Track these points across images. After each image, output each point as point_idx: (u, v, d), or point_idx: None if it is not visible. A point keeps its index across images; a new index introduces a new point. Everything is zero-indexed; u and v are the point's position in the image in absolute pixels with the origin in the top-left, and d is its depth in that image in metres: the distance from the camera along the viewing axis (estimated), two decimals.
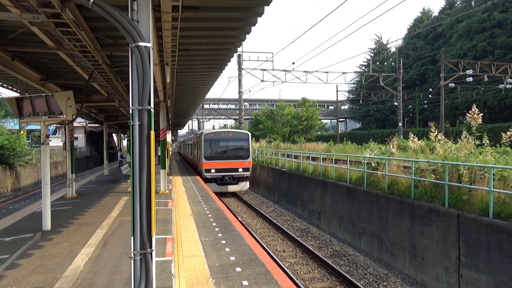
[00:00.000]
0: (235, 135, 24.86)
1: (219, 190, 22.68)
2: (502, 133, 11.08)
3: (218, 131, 26.44)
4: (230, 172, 23.18)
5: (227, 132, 25.90)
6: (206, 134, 24.13)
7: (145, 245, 4.30)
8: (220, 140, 24.05)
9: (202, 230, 9.44)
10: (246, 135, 24.64)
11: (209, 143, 23.64)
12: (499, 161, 10.56)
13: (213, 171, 22.96)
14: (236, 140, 24.28)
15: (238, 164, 23.39)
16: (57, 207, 12.44)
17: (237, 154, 23.77)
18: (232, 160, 23.34)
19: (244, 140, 24.23)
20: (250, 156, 23.98)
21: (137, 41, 4.16)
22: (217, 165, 23.03)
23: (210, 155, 23.37)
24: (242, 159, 23.54)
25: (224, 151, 23.81)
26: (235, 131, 26.80)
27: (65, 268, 6.64)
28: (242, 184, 23.95)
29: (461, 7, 49.92)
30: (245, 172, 23.62)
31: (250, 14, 7.22)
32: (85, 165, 34.26)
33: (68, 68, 9.89)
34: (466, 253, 9.11)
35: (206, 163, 23.05)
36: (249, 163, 23.85)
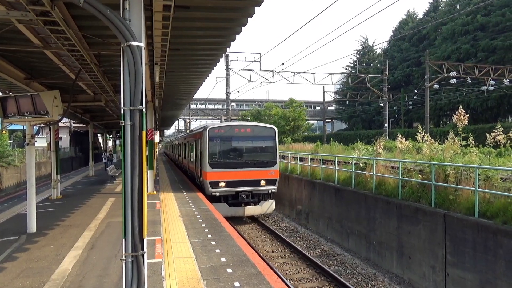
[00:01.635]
0: (255, 131, 16.72)
1: (231, 213, 15.39)
2: (487, 134, 11.31)
3: (230, 124, 17.48)
4: (247, 186, 15.71)
5: (242, 126, 17.02)
6: (212, 129, 16.05)
7: (136, 247, 4.24)
8: (232, 138, 16.31)
9: (191, 231, 9.38)
10: (272, 131, 16.68)
11: (216, 142, 15.98)
12: (484, 162, 10.77)
13: (222, 185, 15.45)
14: (257, 139, 16.72)
15: (260, 174, 15.83)
16: (42, 208, 12.19)
17: (258, 159, 16.11)
18: (250, 169, 15.78)
19: (269, 138, 16.56)
20: (277, 161, 16.39)
21: (129, 40, 4.11)
22: (228, 176, 15.54)
23: (218, 161, 15.82)
24: (265, 167, 15.95)
25: (239, 155, 16.17)
26: (254, 124, 17.99)
27: (53, 271, 6.51)
28: (266, 204, 16.20)
29: (445, 10, 50.87)
30: (270, 186, 16.01)
31: (240, 14, 7.22)
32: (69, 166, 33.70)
33: (54, 67, 9.71)
34: (452, 252, 9.26)
35: (212, 173, 15.45)
36: (276, 172, 16.23)
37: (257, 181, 15.82)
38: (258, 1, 6.58)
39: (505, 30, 40.30)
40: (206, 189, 15.63)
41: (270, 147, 16.54)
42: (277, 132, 16.75)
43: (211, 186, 15.43)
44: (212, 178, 15.46)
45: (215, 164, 15.65)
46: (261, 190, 16.00)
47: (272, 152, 16.41)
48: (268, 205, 16.37)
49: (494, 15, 41.97)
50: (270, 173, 16.05)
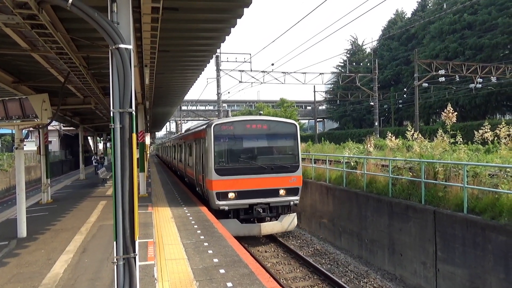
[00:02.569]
0: (272, 127, 13.58)
1: (244, 232, 12.64)
2: (475, 132, 11.49)
3: (241, 119, 14.07)
4: (264, 197, 12.79)
5: (257, 121, 13.61)
6: (218, 126, 13.00)
7: (128, 250, 4.24)
8: (244, 136, 13.24)
9: (184, 233, 9.37)
10: (293, 128, 13.74)
11: (223, 142, 13.02)
12: (472, 159, 10.94)
13: (232, 197, 12.59)
14: (275, 137, 13.65)
15: (279, 182, 12.96)
16: (32, 213, 12.07)
17: (276, 163, 13.15)
18: (267, 175, 12.86)
19: (289, 136, 13.64)
20: (299, 165, 13.44)
21: (118, 43, 4.11)
22: (239, 185, 12.63)
23: (226, 166, 12.80)
24: (285, 172, 13.06)
25: (253, 158, 13.16)
26: (271, 119, 14.58)
27: (44, 275, 6.46)
28: (287, 219, 13.24)
29: (433, 9, 51.45)
30: (291, 196, 13.10)
31: (229, 16, 7.25)
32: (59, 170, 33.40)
33: (42, 70, 9.61)
34: (442, 248, 9.39)
35: (219, 182, 12.50)
36: (299, 179, 13.30)
37: (276, 190, 12.89)
38: (246, 2, 6.62)
39: (492, 28, 40.91)
40: (211, 201, 12.67)
41: (291, 147, 13.66)
42: (298, 128, 13.86)
43: (218, 198, 12.40)
44: (219, 188, 12.42)
45: (222, 170, 12.59)
46: (281, 202, 13.03)
47: (294, 154, 13.52)
48: (290, 220, 13.29)
49: (481, 14, 42.56)
50: (291, 180, 13.06)
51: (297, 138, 13.59)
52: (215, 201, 12.50)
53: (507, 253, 7.75)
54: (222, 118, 14.85)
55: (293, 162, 13.36)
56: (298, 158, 13.49)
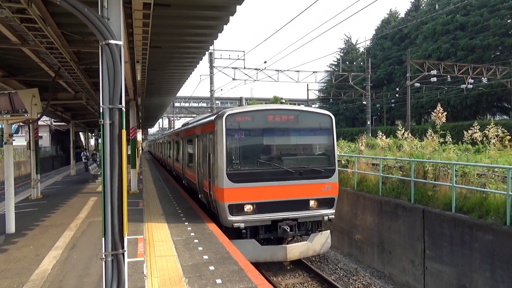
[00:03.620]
0: (301, 119, 10.72)
1: (265, 257, 9.91)
2: (464, 131, 11.62)
3: (260, 109, 10.80)
4: (290, 211, 10.03)
5: (281, 111, 10.65)
6: (232, 116, 10.01)
7: (116, 246, 4.25)
8: (265, 131, 10.28)
9: (174, 230, 9.36)
10: (327, 120, 10.87)
11: (238, 138, 10.06)
12: (461, 158, 11.07)
13: (249, 210, 9.80)
14: (304, 132, 10.86)
15: (310, 191, 10.23)
16: (21, 209, 11.97)
17: (306, 166, 10.28)
18: (294, 182, 10.07)
19: (323, 131, 10.84)
20: (336, 169, 10.63)
21: (108, 39, 4.10)
22: (259, 195, 9.82)
23: (242, 170, 9.93)
24: (318, 178, 10.29)
25: (276, 159, 10.28)
26: (300, 109, 11.74)
27: (32, 271, 6.43)
28: (319, 238, 10.44)
29: (426, 10, 51.80)
30: (324, 208, 10.40)
31: (222, 13, 7.24)
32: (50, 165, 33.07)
33: (33, 64, 9.53)
34: (430, 246, 9.51)
35: (232, 191, 9.71)
36: (334, 187, 10.53)
37: (305, 201, 10.08)
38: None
39: (483, 29, 41.32)
40: (222, 217, 9.76)
41: (325, 145, 10.82)
42: (333, 120, 10.83)
43: (231, 212, 9.54)
44: (233, 199, 9.56)
45: (237, 174, 9.63)
46: (312, 217, 10.24)
47: (329, 154, 10.66)
48: (322, 240, 10.41)
49: (473, 15, 42.97)
50: (325, 188, 10.22)
51: (332, 134, 10.75)
52: (227, 216, 9.51)
53: (493, 251, 7.87)
54: (236, 107, 11.09)
55: (327, 165, 10.47)
56: (334, 159, 10.63)
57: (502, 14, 40.79)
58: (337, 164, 10.92)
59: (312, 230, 10.56)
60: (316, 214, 10.29)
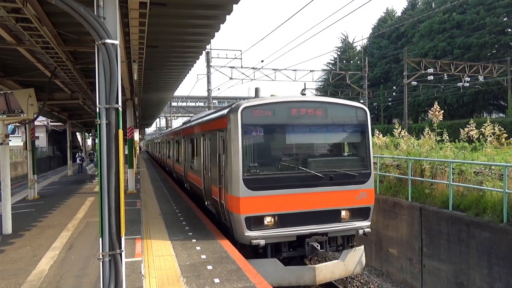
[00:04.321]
0: (331, 114, 9.01)
1: (290, 280, 8.19)
2: (461, 129, 11.66)
3: (283, 101, 8.77)
4: (318, 223, 8.46)
5: (307, 103, 8.90)
6: (249, 110, 8.26)
7: (114, 246, 4.24)
8: (288, 127, 8.73)
9: (172, 230, 9.34)
10: (362, 115, 9.16)
11: (257, 136, 8.48)
12: (458, 156, 11.10)
13: (269, 223, 8.24)
14: (334, 129, 9.24)
15: (341, 199, 8.68)
16: (18, 209, 11.92)
17: (337, 170, 8.67)
18: (324, 188, 8.51)
19: (356, 127, 9.25)
20: (371, 173, 9.01)
21: (104, 38, 4.08)
22: (281, 204, 8.22)
23: (261, 175, 8.34)
24: (350, 184, 8.73)
25: (302, 161, 8.70)
26: (329, 101, 9.45)
27: (29, 272, 6.40)
28: (352, 256, 8.85)
29: (422, 8, 51.91)
30: (358, 220, 8.86)
31: (218, 12, 7.23)
32: (47, 166, 32.99)
33: (28, 64, 9.47)
34: (428, 244, 9.54)
35: (250, 200, 8.07)
36: (370, 194, 8.96)
37: (336, 212, 8.53)
38: None
39: (480, 28, 41.46)
40: (237, 232, 8.18)
41: (358, 144, 9.20)
42: (368, 115, 9.11)
43: (248, 226, 7.98)
44: (251, 210, 7.99)
45: (256, 180, 8.09)
46: (344, 231, 8.67)
47: (363, 155, 9.04)
48: (357, 257, 8.81)
49: (469, 13, 43.11)
50: (359, 195, 8.66)
51: (367, 131, 9.01)
52: (244, 231, 7.93)
53: (490, 249, 7.90)
54: (253, 99, 9.04)
55: (362, 168, 8.83)
56: (369, 161, 8.93)
57: (498, 13, 40.94)
58: (373, 167, 9.16)
59: (343, 246, 8.94)
60: (349, 227, 8.63)
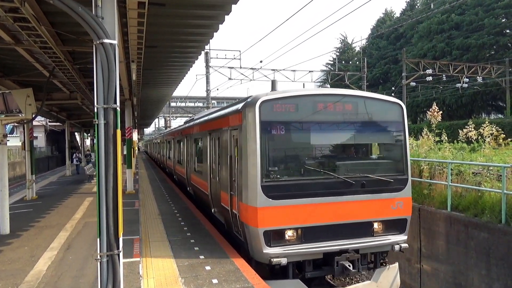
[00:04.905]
0: (362, 110, 7.55)
1: None
2: (459, 130, 11.67)
3: (308, 94, 7.50)
4: (348, 237, 7.14)
5: (335, 96, 7.48)
6: (269, 103, 6.89)
7: (112, 247, 4.23)
8: (314, 125, 7.41)
9: (170, 230, 9.33)
10: (397, 112, 7.79)
11: (278, 135, 6.98)
12: (457, 157, 11.10)
13: (291, 237, 6.91)
14: (366, 127, 7.81)
15: (374, 209, 7.31)
16: (16, 210, 11.90)
17: (369, 175, 7.33)
18: (354, 196, 7.18)
19: (391, 125, 7.87)
20: (408, 179, 7.70)
21: (102, 38, 4.07)
22: (305, 215, 6.89)
23: (283, 180, 6.99)
24: (385, 191, 7.37)
25: (329, 164, 7.42)
26: (360, 95, 8.05)
27: (26, 273, 6.39)
28: (386, 276, 7.48)
29: (421, 9, 51.98)
30: (393, 233, 7.52)
31: (217, 12, 7.23)
32: (45, 166, 32.91)
33: (27, 64, 9.46)
34: (426, 245, 9.54)
35: (270, 211, 6.72)
36: (407, 203, 7.64)
37: (368, 225, 7.31)
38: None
39: (478, 29, 41.51)
40: (254, 248, 6.94)
41: (394, 145, 7.92)
42: (404, 110, 7.84)
43: (267, 242, 6.74)
44: (271, 223, 6.75)
45: (276, 188, 6.84)
46: (378, 246, 7.41)
47: (399, 158, 7.77)
48: (391, 277, 7.56)
49: (468, 14, 43.17)
50: (394, 205, 7.42)
51: (404, 129, 7.75)
52: (262, 247, 6.69)
53: (489, 250, 7.90)
54: (271, 92, 7.52)
55: (397, 173, 7.60)
56: (406, 165, 7.68)
57: (496, 13, 41.01)
58: (410, 171, 7.90)
59: (375, 264, 7.62)
60: (383, 243, 7.32)
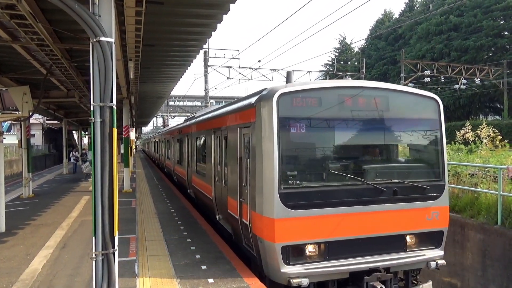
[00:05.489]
0: (393, 105, 6.43)
1: None
2: (457, 131, 11.69)
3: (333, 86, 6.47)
4: (377, 253, 6.01)
5: (360, 89, 6.23)
6: (288, 96, 5.75)
7: (107, 245, 4.21)
8: (338, 122, 6.22)
9: (167, 229, 9.31)
10: (432, 107, 6.75)
11: (297, 133, 5.86)
12: (454, 158, 11.13)
13: (312, 253, 5.79)
14: (397, 124, 6.57)
15: (406, 220, 6.18)
16: (12, 207, 11.86)
17: (402, 181, 6.18)
18: (385, 205, 6.03)
19: (426, 123, 6.77)
20: (445, 185, 6.49)
21: (99, 36, 4.05)
22: (329, 228, 5.78)
23: (304, 187, 5.85)
24: (418, 200, 6.22)
25: (354, 168, 6.26)
26: (389, 88, 6.64)
27: (22, 271, 6.36)
28: None
29: (420, 10, 52.08)
30: (427, 248, 6.39)
31: (216, 11, 7.22)
32: (42, 164, 32.81)
33: (24, 62, 9.42)
34: None
35: (287, 222, 5.58)
36: (443, 212, 6.42)
37: (400, 238, 6.28)
38: None
39: (477, 30, 41.63)
40: (269, 265, 5.90)
41: (429, 147, 6.89)
42: (440, 106, 6.86)
43: (286, 259, 5.70)
44: (290, 237, 5.71)
45: (296, 196, 5.81)
46: (410, 263, 6.30)
47: (434, 162, 6.70)
48: None
49: (467, 16, 43.28)
50: (430, 215, 6.36)
51: (441, 128, 6.70)
52: (280, 265, 5.64)
53: (485, 251, 7.92)
54: (290, 84, 6.35)
55: (433, 179, 6.53)
56: (443, 170, 6.55)
57: (495, 16, 41.14)
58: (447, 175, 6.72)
59: (407, 284, 6.54)
60: (418, 259, 6.25)
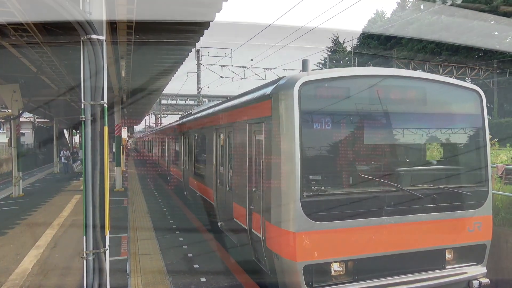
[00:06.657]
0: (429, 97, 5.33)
1: None
2: None
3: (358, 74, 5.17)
4: (412, 271, 4.99)
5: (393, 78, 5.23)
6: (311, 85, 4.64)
7: (98, 245, 4.19)
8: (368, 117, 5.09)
9: (159, 228, 9.27)
10: (473, 99, 5.53)
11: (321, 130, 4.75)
12: None
13: (339, 273, 4.73)
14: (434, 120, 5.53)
15: (445, 232, 5.17)
16: (2, 207, 11.75)
17: (440, 186, 5.15)
18: (420, 215, 4.97)
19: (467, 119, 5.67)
20: (489, 191, 5.44)
21: (89, 33, 4.01)
22: (358, 243, 4.72)
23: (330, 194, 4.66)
24: (458, 208, 5.19)
25: (387, 172, 5.15)
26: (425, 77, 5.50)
27: (11, 271, 6.30)
28: None
29: (412, 10, 52.46)
30: (468, 264, 5.36)
31: (208, 9, 7.19)
32: (33, 163, 32.42)
33: (13, 59, 9.29)
34: None
35: (311, 237, 4.50)
36: (486, 223, 5.40)
37: (437, 253, 5.23)
38: None
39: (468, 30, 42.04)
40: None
41: (471, 147, 5.83)
42: (485, 103, 5.66)
43: (309, 280, 4.58)
44: (314, 255, 4.59)
45: (320, 204, 4.63)
46: (450, 282, 5.18)
47: (476, 164, 5.72)
48: None
49: (458, 16, 43.66)
50: (471, 226, 5.37)
51: (484, 125, 5.67)
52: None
53: None
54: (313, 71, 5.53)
55: (475, 184, 5.57)
56: (486, 174, 5.61)
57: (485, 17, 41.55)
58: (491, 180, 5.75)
59: None
60: (459, 278, 5.26)
